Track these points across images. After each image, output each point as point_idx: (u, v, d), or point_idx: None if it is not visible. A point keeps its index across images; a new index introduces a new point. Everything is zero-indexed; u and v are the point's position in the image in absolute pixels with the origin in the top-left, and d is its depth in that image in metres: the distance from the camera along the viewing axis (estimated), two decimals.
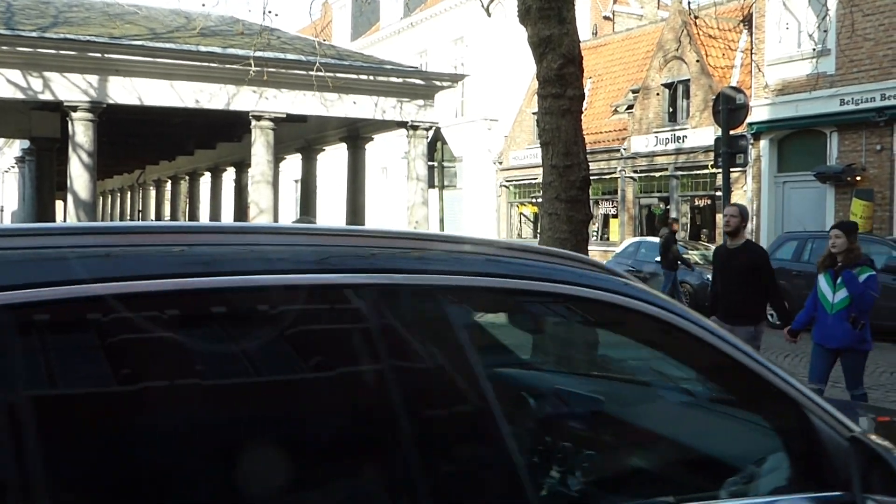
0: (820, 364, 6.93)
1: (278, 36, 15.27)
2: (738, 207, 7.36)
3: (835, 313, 6.66)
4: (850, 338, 6.65)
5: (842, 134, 20.45)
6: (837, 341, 6.71)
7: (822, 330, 6.81)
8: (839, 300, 6.61)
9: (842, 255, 6.63)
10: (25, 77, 11.88)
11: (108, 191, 41.00)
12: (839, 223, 7.05)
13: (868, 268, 6.62)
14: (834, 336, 6.72)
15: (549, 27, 9.26)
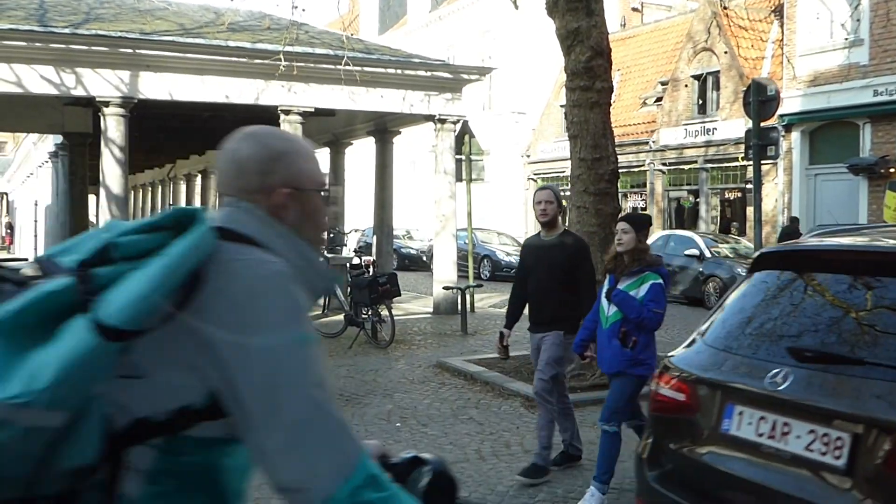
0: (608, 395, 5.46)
1: (306, 30, 15.34)
2: (553, 191, 6.00)
3: (608, 328, 5.26)
4: (620, 359, 5.18)
5: (875, 125, 20.16)
6: (606, 364, 5.31)
7: (599, 351, 5.39)
8: (614, 312, 5.22)
9: (627, 256, 5.27)
10: (58, 73, 12.03)
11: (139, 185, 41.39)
12: (627, 215, 5.63)
13: (655, 274, 5.20)
14: (603, 358, 5.33)
15: (577, 19, 9.24)
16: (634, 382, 5.25)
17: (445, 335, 12.59)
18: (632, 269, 5.21)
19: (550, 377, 5.80)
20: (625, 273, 5.24)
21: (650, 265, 5.25)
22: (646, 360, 5.20)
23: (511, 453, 6.42)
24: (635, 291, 5.16)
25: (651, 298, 5.11)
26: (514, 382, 8.70)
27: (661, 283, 5.19)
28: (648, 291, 5.13)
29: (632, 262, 5.23)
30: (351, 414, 7.62)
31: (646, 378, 5.17)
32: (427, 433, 6.99)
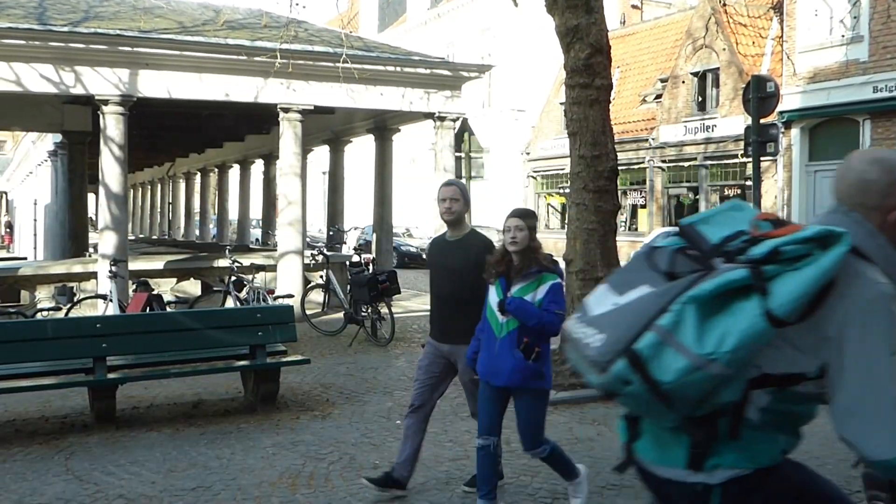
0: (488, 409, 4.89)
1: (305, 28, 15.33)
2: (459, 187, 5.37)
3: (503, 337, 4.71)
4: (522, 372, 4.66)
5: (875, 122, 20.16)
6: (505, 377, 4.71)
7: (488, 360, 4.80)
8: (509, 319, 4.69)
9: (518, 256, 4.73)
10: (57, 71, 12.01)
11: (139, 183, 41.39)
12: (518, 210, 4.95)
13: (552, 274, 4.71)
14: (501, 370, 4.73)
15: (576, 16, 9.23)
16: (541, 396, 4.84)
17: None
18: (527, 271, 4.70)
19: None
20: (519, 275, 4.72)
21: (546, 265, 4.74)
22: (547, 373, 4.79)
23: (511, 450, 6.41)
24: (531, 295, 4.65)
25: (552, 300, 4.64)
26: None
27: (560, 282, 4.73)
28: (548, 293, 4.64)
29: (525, 262, 4.72)
30: (351, 412, 7.62)
31: (548, 392, 4.89)
32: (427, 431, 6.96)
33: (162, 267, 14.83)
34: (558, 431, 6.93)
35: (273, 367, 7.77)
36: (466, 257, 5.22)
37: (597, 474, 5.79)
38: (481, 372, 4.87)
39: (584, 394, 8.19)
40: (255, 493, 5.44)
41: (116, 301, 11.34)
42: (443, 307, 5.40)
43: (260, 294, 12.48)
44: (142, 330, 7.51)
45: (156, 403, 7.98)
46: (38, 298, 13.73)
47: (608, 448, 6.42)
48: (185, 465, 6.01)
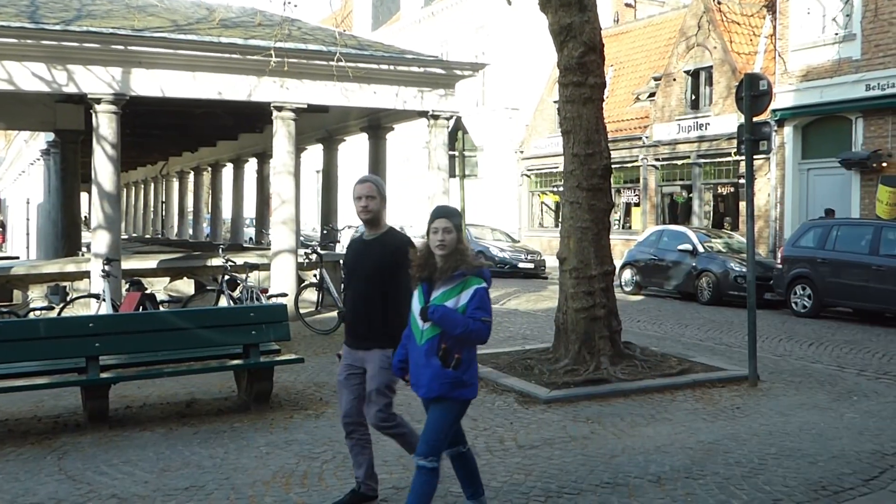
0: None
1: (299, 27, 15.30)
2: (374, 183, 5.09)
3: (424, 344, 4.43)
4: (441, 381, 4.38)
5: (867, 119, 20.22)
6: (424, 387, 4.45)
7: (413, 370, 4.55)
8: (430, 326, 4.39)
9: (442, 260, 4.42)
10: (50, 70, 11.96)
11: (132, 182, 41.30)
12: (444, 210, 4.59)
13: (478, 278, 4.41)
14: (421, 379, 4.47)
15: (570, 15, 9.24)
16: (457, 408, 4.50)
17: None
18: (452, 274, 4.39)
19: (384, 406, 5.07)
20: (442, 279, 4.41)
21: (472, 267, 4.42)
22: (470, 381, 4.47)
23: (505, 449, 6.42)
24: (455, 300, 4.36)
25: (477, 306, 4.33)
26: (508, 378, 8.70)
27: (485, 287, 4.42)
28: (473, 298, 4.34)
29: (451, 265, 4.39)
30: None
31: (469, 401, 4.56)
32: (420, 429, 6.97)
33: (155, 266, 14.80)
34: (552, 430, 6.94)
35: (266, 366, 7.75)
36: (384, 257, 4.98)
37: (590, 472, 5.80)
38: (412, 382, 4.60)
39: (577, 392, 8.21)
40: (248, 492, 5.44)
41: (109, 300, 11.32)
42: (358, 310, 5.07)
43: (253, 293, 12.46)
44: (134, 329, 7.49)
45: (149, 403, 7.96)
46: (30, 298, 13.69)
47: (602, 446, 6.43)
48: (179, 465, 6.00)
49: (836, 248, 15.42)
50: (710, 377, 8.94)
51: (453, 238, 4.43)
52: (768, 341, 12.33)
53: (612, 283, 9.50)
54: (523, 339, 11.82)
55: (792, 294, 15.88)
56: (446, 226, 4.44)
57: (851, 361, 10.79)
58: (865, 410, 7.75)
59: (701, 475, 5.75)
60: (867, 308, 14.94)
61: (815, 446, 6.49)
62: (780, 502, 5.26)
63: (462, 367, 4.41)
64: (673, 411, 7.63)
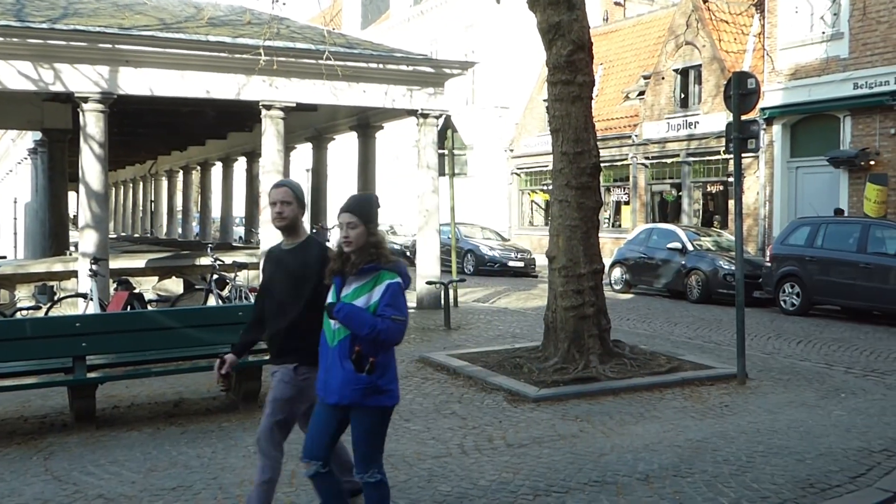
0: (315, 428, 4.33)
1: (288, 25, 15.26)
2: (291, 188, 4.75)
3: (335, 346, 4.16)
4: (354, 388, 4.09)
5: (855, 118, 20.29)
6: (336, 393, 4.14)
7: (323, 373, 4.25)
8: (341, 326, 4.13)
9: (356, 255, 4.17)
10: (36, 69, 11.89)
11: (121, 181, 41.15)
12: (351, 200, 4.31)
13: (391, 272, 4.14)
14: (332, 384, 4.17)
15: (558, 13, 9.24)
16: (377, 416, 4.21)
17: (429, 330, 12.58)
18: (363, 268, 4.14)
19: (275, 422, 4.72)
20: (353, 273, 4.16)
21: (386, 261, 4.16)
22: (386, 387, 4.17)
23: (494, 447, 6.42)
24: (367, 296, 4.10)
25: (388, 303, 4.06)
26: (497, 377, 8.70)
27: (399, 282, 4.14)
28: (384, 294, 4.07)
29: (363, 259, 4.15)
30: None
31: (389, 409, 4.26)
32: (410, 428, 6.98)
33: (143, 265, 14.75)
34: (541, 428, 6.94)
35: (255, 365, 7.73)
36: (303, 266, 4.61)
37: (578, 471, 5.81)
38: (318, 387, 4.29)
39: (566, 390, 8.21)
40: (236, 491, 5.42)
41: (97, 300, 11.27)
42: (277, 325, 4.70)
43: (242, 292, 12.42)
44: (121, 329, 7.45)
45: (137, 403, 7.93)
46: (18, 297, 13.62)
47: (590, 444, 6.44)
48: (166, 465, 5.97)
49: (824, 246, 15.47)
50: (699, 375, 8.96)
51: (359, 233, 4.15)
52: (757, 339, 12.36)
53: (602, 282, 9.51)
54: (513, 337, 11.82)
55: (781, 292, 15.93)
56: (350, 220, 4.16)
57: (839, 359, 10.83)
58: (853, 408, 7.78)
59: (689, 473, 5.76)
60: (855, 306, 15.00)
61: (803, 444, 6.51)
62: (768, 500, 5.27)
63: (377, 371, 4.10)
64: (662, 409, 7.65)
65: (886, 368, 10.16)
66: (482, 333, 12.27)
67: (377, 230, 4.24)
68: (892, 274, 14.08)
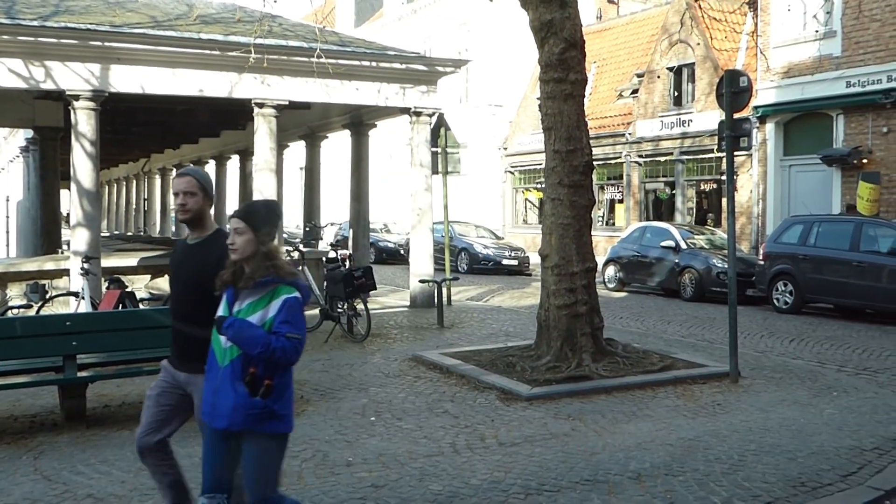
0: (211, 459, 3.92)
1: (280, 23, 15.21)
2: (196, 177, 4.36)
3: (226, 366, 3.80)
4: (246, 410, 3.73)
5: (848, 116, 20.33)
6: (226, 418, 3.76)
7: (211, 395, 3.86)
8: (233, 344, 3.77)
9: (248, 265, 3.83)
10: (27, 66, 11.83)
11: (113, 179, 41.01)
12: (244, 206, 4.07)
13: (289, 287, 3.80)
14: (221, 408, 3.79)
15: (550, 11, 9.22)
16: (273, 443, 3.85)
17: (422, 328, 12.56)
18: (257, 281, 3.80)
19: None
20: (247, 287, 3.82)
21: (282, 275, 3.82)
22: (282, 411, 3.82)
23: (486, 446, 6.40)
24: (262, 312, 3.76)
25: (285, 319, 3.72)
26: (490, 375, 8.69)
27: (297, 297, 3.80)
28: (281, 310, 3.73)
29: (258, 271, 3.80)
30: (325, 408, 7.57)
31: (285, 436, 3.92)
32: (402, 427, 6.96)
33: (136, 264, 14.68)
34: (533, 427, 6.93)
35: None
36: (205, 263, 4.15)
37: (570, 469, 5.80)
38: (204, 411, 3.90)
39: (558, 389, 8.20)
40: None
41: (88, 298, 11.22)
42: (180, 326, 4.33)
43: None
44: (112, 327, 7.42)
45: (128, 402, 7.89)
46: (9, 296, 13.55)
47: (582, 443, 6.43)
48: None
49: (817, 244, 15.49)
50: (692, 374, 8.96)
51: (246, 240, 3.80)
52: (750, 337, 12.37)
53: (594, 280, 9.50)
54: (506, 335, 11.81)
55: (774, 290, 15.94)
56: (237, 226, 3.83)
57: (832, 357, 10.84)
58: (845, 406, 7.78)
59: (681, 472, 5.75)
60: (848, 304, 15.02)
61: (795, 442, 6.51)
62: (759, 498, 5.26)
63: (273, 395, 3.75)
64: (654, 408, 7.64)
65: (878, 367, 10.18)
66: (475, 332, 12.26)
67: (270, 239, 3.88)
68: (885, 272, 14.11)
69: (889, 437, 6.69)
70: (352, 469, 5.83)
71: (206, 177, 4.43)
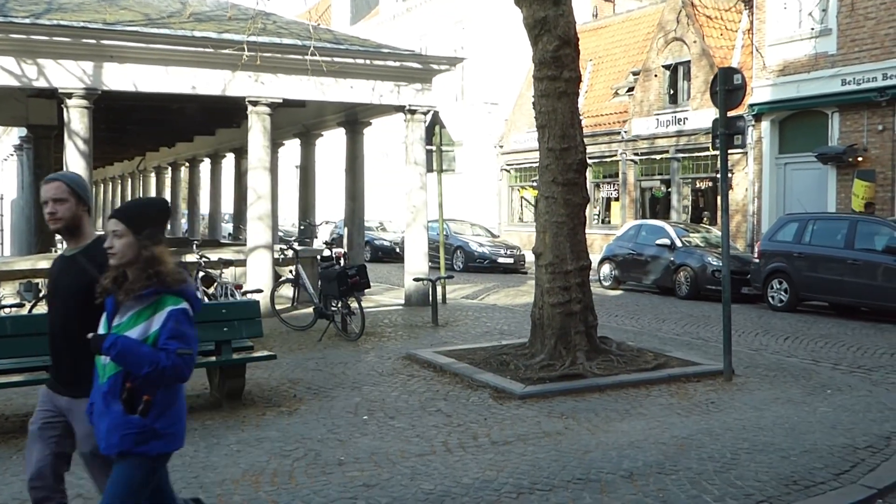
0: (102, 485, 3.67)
1: (274, 21, 15.17)
2: (66, 182, 3.92)
3: (104, 382, 3.46)
4: (124, 432, 3.38)
5: (843, 114, 20.32)
6: (104, 439, 3.44)
7: (94, 417, 3.54)
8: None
9: (133, 274, 3.47)
10: (20, 64, 11.79)
11: (109, 178, 40.92)
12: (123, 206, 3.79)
13: (176, 297, 3.45)
14: (100, 430, 3.47)
15: (544, 8, 9.19)
16: (144, 466, 3.45)
17: (416, 327, 12.54)
18: (139, 292, 3.42)
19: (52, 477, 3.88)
20: (130, 297, 3.44)
21: (168, 283, 3.45)
22: (165, 430, 3.46)
23: (478, 445, 6.38)
24: (145, 325, 3.41)
25: (172, 334, 3.38)
26: (484, 374, 8.66)
27: (184, 308, 3.47)
28: (166, 323, 3.39)
29: (140, 279, 3.42)
30: (318, 407, 7.54)
31: (164, 457, 3.54)
32: (394, 426, 6.93)
33: None
34: (526, 426, 6.91)
35: (238, 363, 7.68)
36: (82, 276, 3.76)
37: (562, 468, 5.77)
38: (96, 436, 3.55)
39: (552, 387, 8.18)
40: (217, 490, 5.37)
41: None
42: (59, 345, 3.93)
43: (227, 289, 12.35)
44: None
45: None
46: (2, 295, 13.49)
47: (575, 442, 6.41)
48: None
49: (812, 242, 15.49)
50: (686, 372, 8.95)
51: (125, 244, 3.45)
52: (744, 335, 12.37)
53: (588, 278, 9.48)
54: (500, 334, 11.79)
55: (769, 288, 15.94)
56: (115, 228, 3.48)
57: (826, 355, 10.83)
58: (839, 404, 7.77)
59: (673, 470, 5.73)
60: (843, 302, 15.02)
61: (788, 441, 6.49)
62: (752, 497, 5.24)
63: (153, 412, 3.41)
64: (648, 406, 7.62)
65: (873, 364, 10.17)
66: (470, 330, 12.24)
67: (154, 243, 3.48)
68: (880, 270, 14.11)
69: (882, 435, 6.68)
70: (343, 468, 5.80)
71: (77, 180, 4.00)
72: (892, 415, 7.36)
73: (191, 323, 3.49)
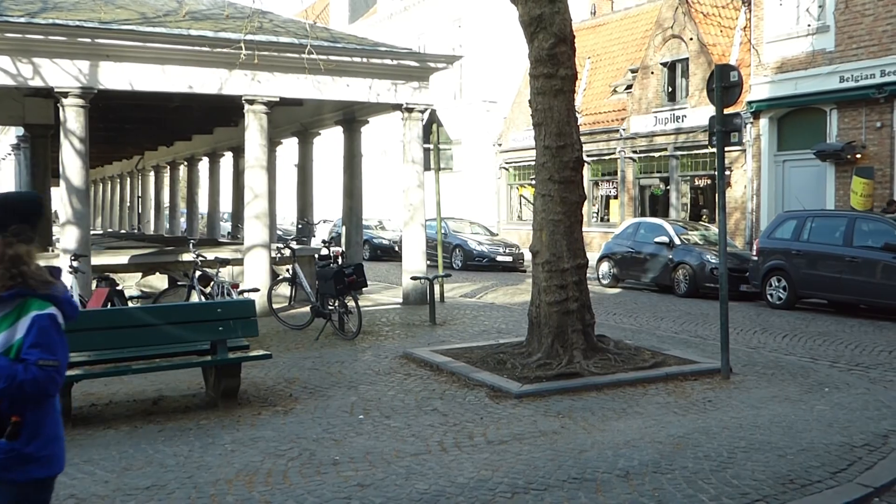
0: None
1: (271, 19, 15.13)
2: None
3: None
4: None
5: (841, 111, 20.29)
6: None
7: None
8: None
9: None
10: (15, 63, 11.75)
11: (107, 177, 40.87)
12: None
13: (42, 301, 3.06)
14: None
15: (539, 6, 9.16)
16: (13, 495, 3.05)
17: (414, 326, 12.51)
18: (3, 294, 3.06)
19: None
20: None
21: (31, 286, 3.07)
22: (39, 453, 3.07)
23: (474, 444, 6.36)
24: (8, 333, 3.04)
25: (35, 342, 3.00)
26: (480, 373, 8.64)
27: (51, 314, 3.09)
28: (30, 331, 3.01)
29: (1, 279, 3.06)
30: (314, 407, 7.52)
31: (42, 483, 3.14)
32: (390, 425, 6.91)
33: (126, 261, 14.61)
34: (522, 425, 6.89)
35: (234, 362, 7.65)
36: None
37: (558, 468, 5.75)
38: None
39: (549, 386, 8.16)
40: (210, 490, 5.34)
41: (77, 296, 11.15)
42: None
43: (224, 288, 12.32)
44: (100, 326, 7.37)
45: (115, 400, 7.84)
46: None
47: (571, 441, 6.38)
48: (141, 464, 5.89)
49: (810, 239, 15.46)
50: (683, 370, 8.92)
51: None
52: (742, 333, 12.34)
53: (585, 277, 9.46)
54: (498, 332, 11.77)
55: (767, 286, 15.91)
56: None
57: (824, 353, 10.81)
58: (836, 402, 7.74)
59: (669, 469, 5.71)
60: (841, 300, 15.00)
61: (785, 439, 6.47)
62: (748, 496, 5.22)
63: (24, 434, 3.03)
64: (644, 405, 7.60)
65: (871, 362, 10.15)
66: (467, 329, 12.21)
67: (21, 241, 3.12)
68: (879, 267, 14.08)
69: (880, 433, 6.66)
70: (338, 468, 5.78)
71: None
72: (889, 413, 7.34)
73: (59, 330, 3.10)
